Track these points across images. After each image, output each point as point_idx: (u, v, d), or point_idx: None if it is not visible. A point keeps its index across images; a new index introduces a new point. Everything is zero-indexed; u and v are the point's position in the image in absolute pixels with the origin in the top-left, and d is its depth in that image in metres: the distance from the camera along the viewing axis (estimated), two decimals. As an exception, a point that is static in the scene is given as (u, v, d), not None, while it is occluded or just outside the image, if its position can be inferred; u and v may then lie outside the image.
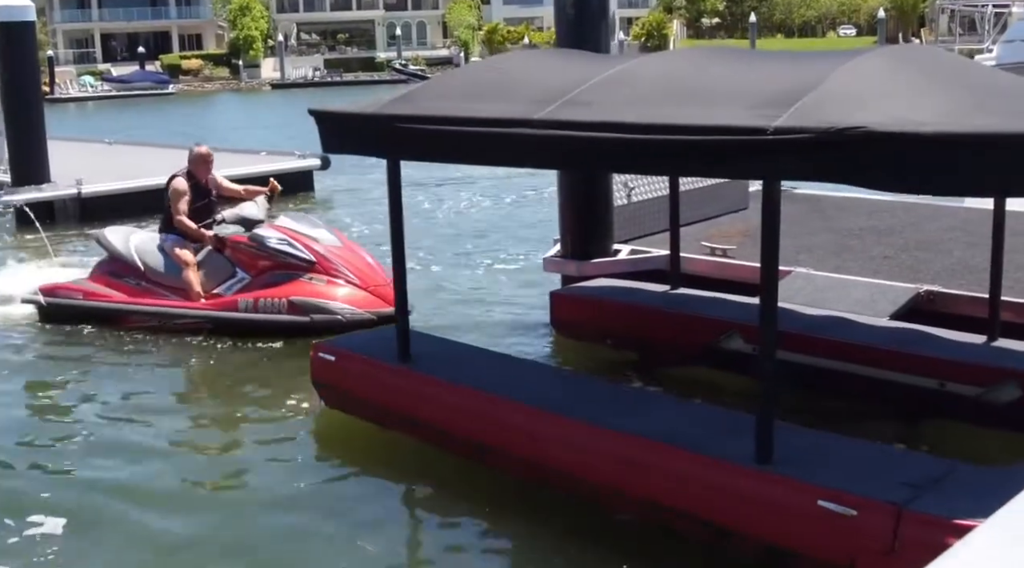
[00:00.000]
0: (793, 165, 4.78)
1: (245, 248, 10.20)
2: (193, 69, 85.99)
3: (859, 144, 4.55)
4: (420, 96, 6.75)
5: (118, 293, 10.54)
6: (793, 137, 4.69)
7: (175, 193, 10.19)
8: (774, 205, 5.01)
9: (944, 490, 4.87)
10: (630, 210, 10.56)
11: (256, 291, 9.97)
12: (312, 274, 9.96)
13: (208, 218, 10.38)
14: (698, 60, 6.31)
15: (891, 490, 4.87)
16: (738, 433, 5.47)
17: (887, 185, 4.85)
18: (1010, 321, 7.66)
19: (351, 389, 7.44)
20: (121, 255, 10.63)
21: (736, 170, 5.40)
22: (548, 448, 6.13)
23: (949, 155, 4.52)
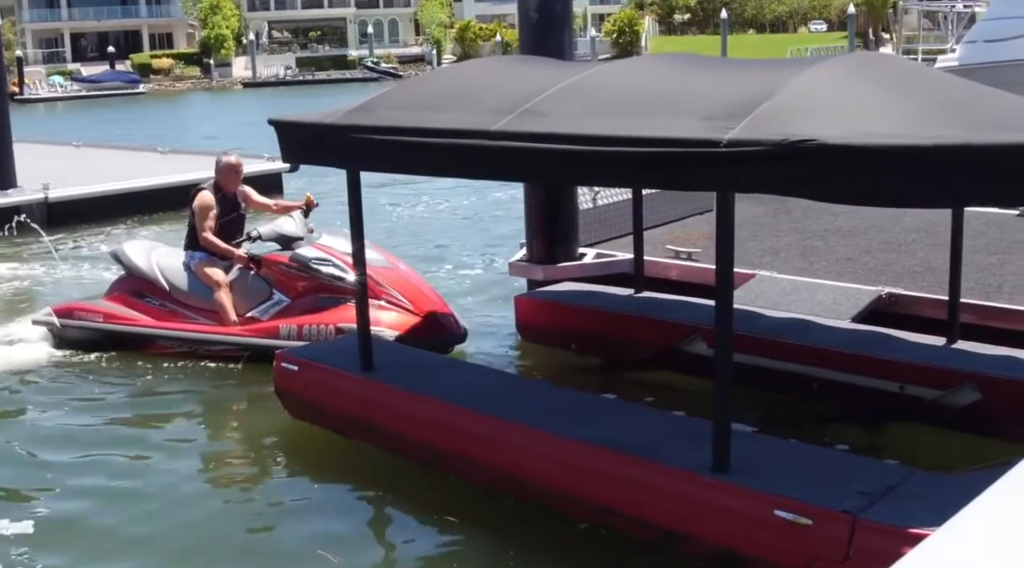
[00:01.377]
0: (747, 177, 4.79)
1: (285, 268, 9.24)
2: (164, 68, 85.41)
3: (812, 156, 4.56)
4: (379, 106, 6.73)
5: (141, 315, 9.62)
6: (746, 149, 4.71)
7: (201, 208, 9.26)
8: (728, 216, 5.03)
9: (898, 498, 4.91)
10: (595, 214, 10.59)
11: (299, 316, 9.00)
12: None
13: (237, 234, 9.50)
14: (656, 69, 6.33)
15: (846, 499, 4.91)
16: (697, 441, 5.49)
17: (841, 197, 4.88)
18: (970, 323, 7.72)
19: (314, 399, 7.43)
20: (143, 273, 9.70)
21: (690, 182, 5.41)
22: (509, 457, 6.16)
23: (903, 167, 4.54)
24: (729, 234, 5.05)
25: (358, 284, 7.10)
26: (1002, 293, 8.52)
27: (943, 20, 37.60)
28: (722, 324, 5.14)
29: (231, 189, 9.50)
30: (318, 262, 9.06)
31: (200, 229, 9.27)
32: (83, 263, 14.54)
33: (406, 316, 8.90)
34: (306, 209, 9.52)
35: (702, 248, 10.07)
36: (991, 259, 9.58)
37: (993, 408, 6.63)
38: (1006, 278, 8.95)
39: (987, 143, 4.50)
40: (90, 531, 6.47)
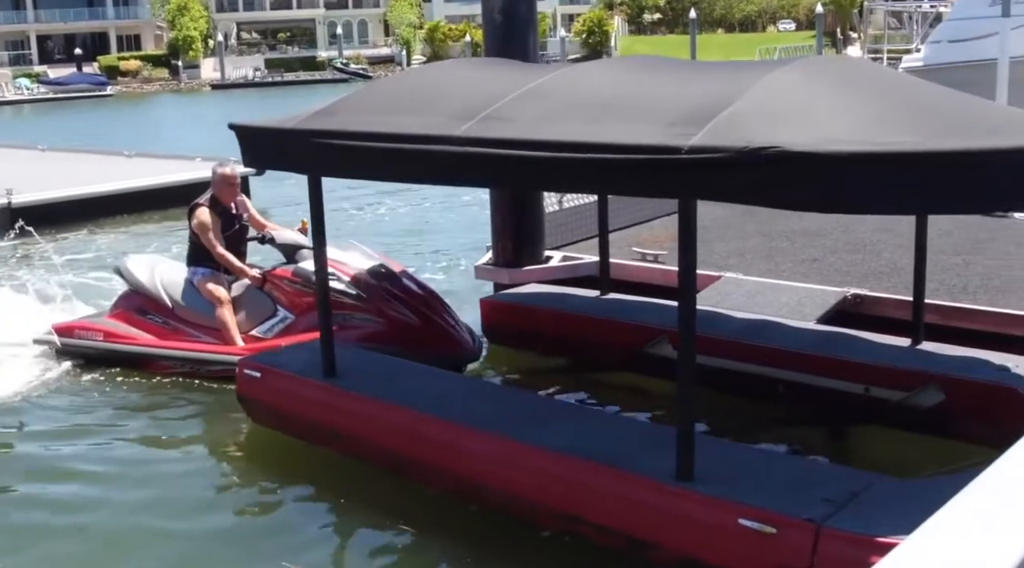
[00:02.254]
0: (709, 185, 4.76)
1: (289, 284, 8.84)
2: (132, 70, 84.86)
3: (775, 164, 4.53)
4: (341, 110, 6.67)
5: (143, 334, 9.25)
6: (708, 157, 4.68)
7: (201, 226, 8.85)
8: (690, 224, 5.00)
9: (862, 505, 4.91)
10: (561, 216, 10.58)
11: (303, 334, 8.43)
12: (367, 314, 8.50)
13: (242, 246, 9.17)
14: (619, 72, 6.29)
15: (810, 507, 4.90)
16: (662, 447, 5.46)
17: (803, 205, 4.86)
18: (935, 323, 7.74)
19: (277, 406, 7.38)
20: (146, 289, 9.35)
21: (652, 189, 5.35)
22: (471, 464, 6.12)
23: (867, 174, 4.52)
24: (692, 241, 5.01)
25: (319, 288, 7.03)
26: (967, 293, 8.55)
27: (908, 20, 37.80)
28: (685, 332, 5.12)
29: (229, 200, 9.08)
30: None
31: (210, 246, 8.84)
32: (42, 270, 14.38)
33: (417, 333, 8.40)
34: (302, 233, 9.12)
35: (668, 250, 10.05)
36: (956, 259, 9.62)
37: (957, 409, 6.64)
38: (970, 279, 8.99)
39: (952, 149, 4.49)
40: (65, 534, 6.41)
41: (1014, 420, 6.09)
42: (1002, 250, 9.96)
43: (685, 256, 5.03)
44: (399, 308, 8.48)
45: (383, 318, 8.44)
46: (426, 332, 8.40)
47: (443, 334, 8.45)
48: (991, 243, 10.24)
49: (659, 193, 5.20)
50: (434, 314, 8.54)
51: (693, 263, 5.05)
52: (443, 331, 8.47)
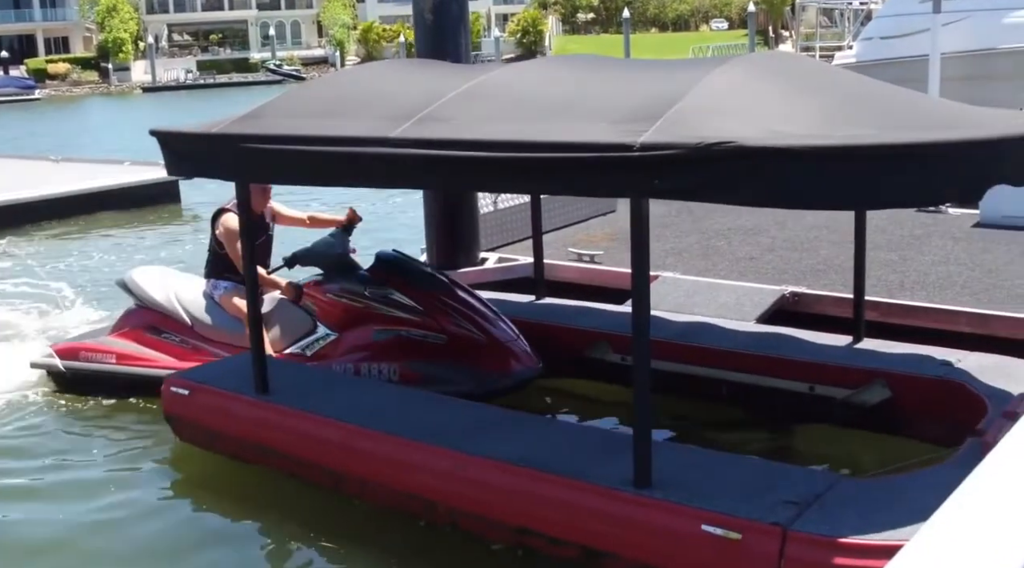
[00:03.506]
0: (661, 182, 4.61)
1: (332, 297, 7.85)
2: (60, 73, 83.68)
3: (730, 159, 4.42)
4: (269, 113, 6.43)
5: (161, 355, 8.30)
6: (661, 153, 4.55)
7: (229, 234, 7.87)
8: (642, 224, 4.84)
9: (826, 507, 4.80)
10: (496, 217, 10.44)
11: (352, 353, 7.61)
12: (425, 330, 7.54)
13: (268, 259, 8.30)
14: (560, 70, 6.14)
15: (775, 510, 4.78)
16: (615, 454, 5.32)
17: (756, 201, 4.73)
18: (874, 320, 7.70)
19: (207, 424, 7.07)
20: (159, 305, 8.42)
21: (601, 189, 5.19)
22: (415, 479, 5.91)
23: (823, 168, 4.41)
24: (644, 242, 4.86)
25: (249, 296, 6.79)
26: (904, 290, 8.53)
27: (840, 17, 38.13)
28: (639, 335, 4.96)
29: (259, 207, 8.04)
30: (372, 288, 7.71)
31: (238, 259, 7.74)
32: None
33: (480, 350, 7.47)
34: (348, 225, 8.21)
35: (604, 250, 9.97)
36: (892, 256, 9.61)
37: (904, 406, 6.58)
38: (908, 275, 8.98)
39: (909, 142, 4.41)
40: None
41: (961, 415, 6.06)
42: (938, 245, 9.97)
43: (639, 257, 4.86)
44: (461, 322, 7.54)
45: (444, 334, 7.48)
46: (491, 349, 7.50)
47: (508, 350, 7.55)
48: (927, 239, 10.26)
49: (610, 193, 5.08)
50: (496, 328, 7.63)
51: (646, 264, 4.89)
52: (507, 347, 7.56)
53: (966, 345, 7.20)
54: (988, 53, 19.87)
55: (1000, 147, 4.60)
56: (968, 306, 7.97)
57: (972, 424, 5.68)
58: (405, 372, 7.37)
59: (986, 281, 8.62)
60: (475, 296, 7.87)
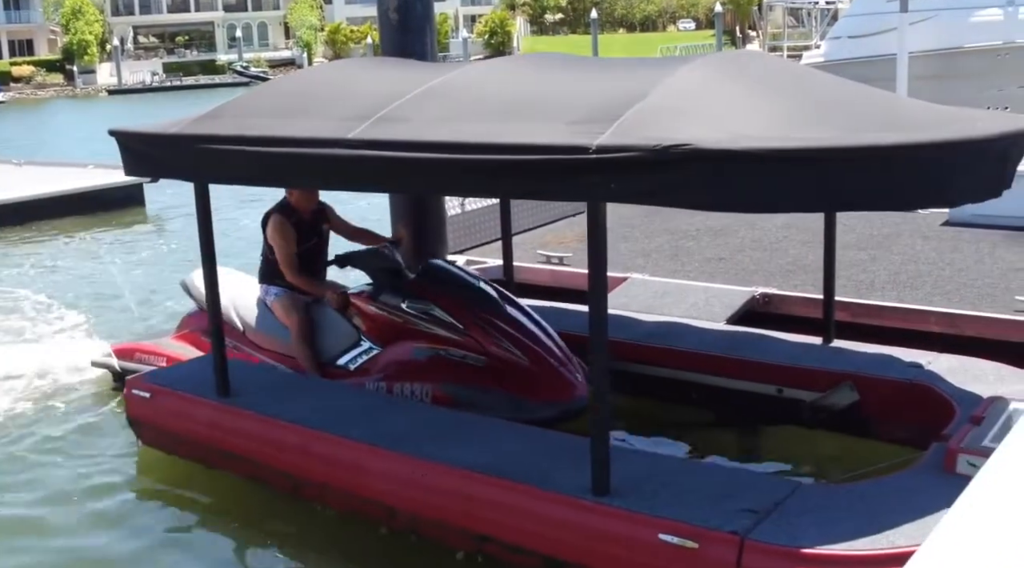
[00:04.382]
0: (618, 186, 4.50)
1: (374, 309, 7.37)
2: (24, 76, 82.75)
3: (687, 162, 4.31)
4: (227, 113, 6.32)
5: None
6: (617, 156, 4.44)
7: (275, 237, 7.50)
8: (599, 228, 4.75)
9: (786, 514, 4.73)
10: (464, 219, 10.33)
11: (388, 370, 7.15)
12: (464, 350, 6.94)
13: (320, 264, 7.86)
14: (522, 70, 6.04)
15: (733, 519, 4.70)
16: (576, 461, 5.22)
17: (716, 205, 4.66)
18: (844, 321, 7.65)
19: (169, 428, 6.97)
20: None
21: (557, 192, 5.10)
22: (376, 484, 5.81)
23: (782, 171, 4.33)
24: (601, 247, 4.77)
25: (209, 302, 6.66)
26: (875, 289, 8.49)
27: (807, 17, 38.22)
28: (596, 341, 4.88)
29: (307, 208, 7.65)
30: (413, 302, 7.19)
31: (283, 265, 7.49)
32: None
33: (524, 374, 6.80)
34: (396, 243, 7.91)
35: (573, 252, 9.89)
36: (862, 255, 9.57)
37: (872, 408, 6.52)
38: (878, 274, 8.94)
39: (870, 144, 4.33)
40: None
41: (930, 418, 6.00)
42: (908, 245, 9.94)
43: (595, 262, 4.78)
44: (503, 343, 6.89)
45: (485, 355, 6.84)
46: (536, 375, 6.81)
47: (554, 377, 6.83)
48: (896, 238, 10.22)
49: (565, 196, 4.96)
50: (545, 351, 6.94)
51: (603, 269, 4.81)
52: (556, 373, 6.85)
53: (936, 345, 7.16)
54: (955, 52, 19.95)
55: (972, 149, 4.53)
56: (939, 306, 7.93)
57: (940, 427, 5.62)
58: (438, 394, 6.82)
59: (956, 280, 8.59)
60: (527, 314, 7.26)
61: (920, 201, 4.77)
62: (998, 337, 7.50)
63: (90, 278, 14.15)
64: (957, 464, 4.97)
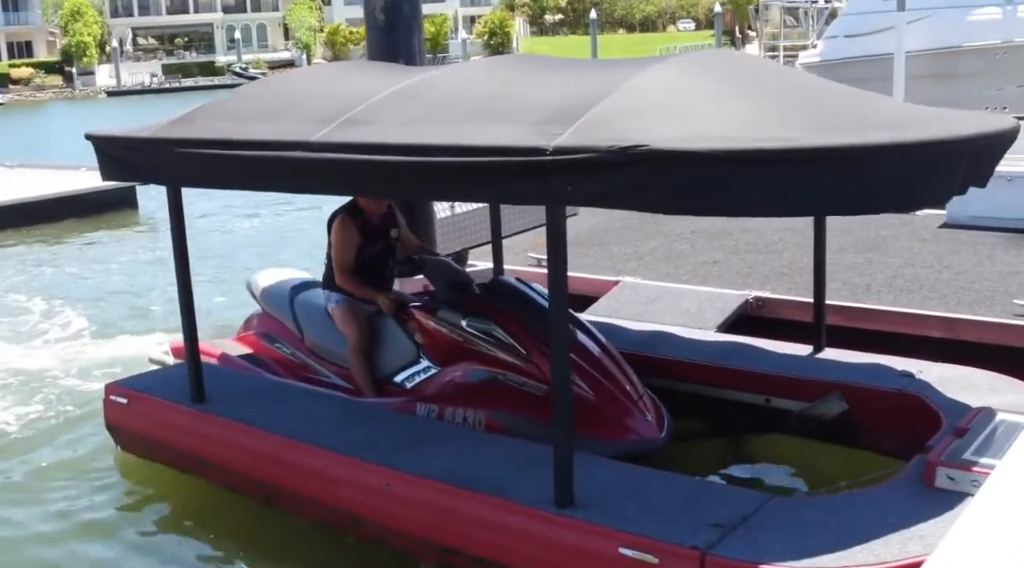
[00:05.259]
0: (575, 189, 4.34)
1: (435, 325, 6.74)
2: (23, 78, 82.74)
3: (643, 163, 4.15)
4: (201, 117, 6.21)
5: (266, 364, 7.60)
6: (573, 157, 4.28)
7: (339, 239, 7.02)
8: (559, 234, 4.59)
9: (752, 529, 4.58)
10: (454, 222, 10.15)
11: (443, 392, 6.59)
12: (524, 376, 6.31)
13: (385, 268, 7.30)
14: (494, 72, 5.87)
15: (695, 533, 4.56)
16: (541, 471, 5.08)
17: (675, 208, 4.52)
18: (838, 325, 7.49)
19: (145, 434, 6.91)
20: (275, 311, 7.72)
21: (517, 195, 4.88)
22: (344, 494, 5.72)
23: (740, 173, 4.15)
24: (561, 254, 4.63)
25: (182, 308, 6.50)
26: (871, 293, 8.33)
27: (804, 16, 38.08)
28: (558, 351, 4.76)
29: (376, 212, 7.15)
30: (473, 321, 6.57)
31: (336, 266, 7.04)
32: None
33: (592, 407, 6.12)
34: (458, 259, 7.48)
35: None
36: (858, 258, 9.41)
37: (861, 419, 6.36)
38: (874, 277, 8.78)
39: (834, 145, 4.15)
40: None
41: (918, 429, 5.84)
42: (905, 247, 9.78)
43: (555, 271, 4.65)
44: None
45: (547, 383, 6.01)
46: (601, 410, 6.15)
47: (623, 413, 6.20)
48: (894, 240, 10.06)
49: (522, 199, 4.77)
50: (613, 385, 6.31)
51: (563, 275, 4.68)
52: (624, 410, 6.21)
53: (934, 350, 7.01)
54: (953, 51, 19.79)
55: (944, 150, 4.37)
56: (936, 310, 7.77)
57: (927, 438, 5.46)
58: (491, 422, 6.27)
59: (954, 284, 8.42)
60: (598, 342, 6.63)
61: (882, 204, 4.58)
62: (997, 342, 7.34)
63: (85, 279, 14.14)
64: (936, 477, 4.83)
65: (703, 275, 9.22)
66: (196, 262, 7.19)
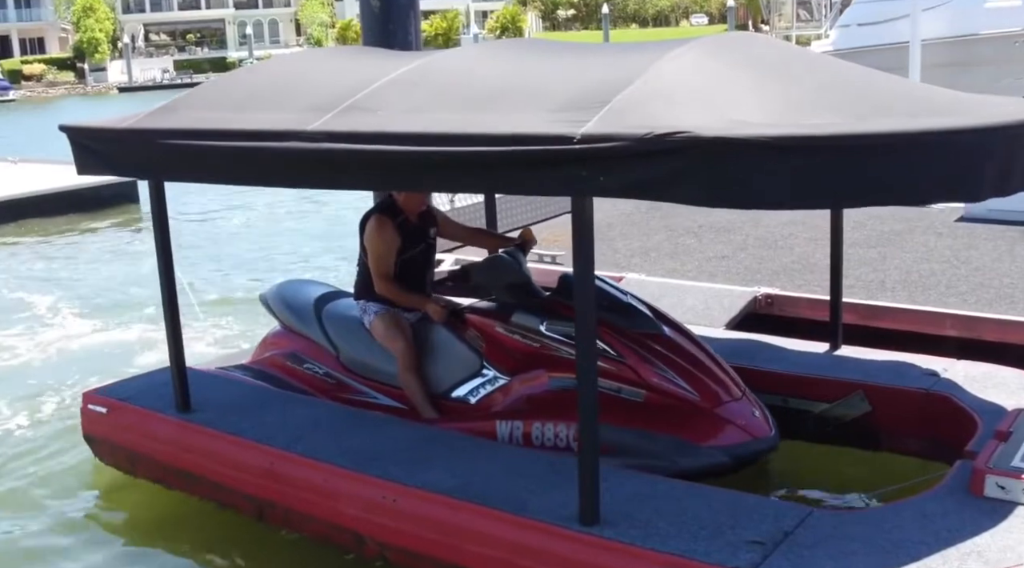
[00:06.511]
0: (605, 179, 4.00)
1: (502, 330, 6.09)
2: (36, 74, 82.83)
3: (682, 152, 3.81)
4: (184, 106, 5.81)
5: (297, 389, 6.75)
6: (604, 146, 3.93)
7: (373, 241, 6.29)
8: (586, 227, 4.24)
9: (797, 547, 4.23)
10: (453, 216, 9.81)
11: (520, 405, 5.88)
12: (619, 381, 5.66)
13: (426, 273, 6.60)
14: (502, 55, 5.52)
15: (736, 552, 4.21)
16: (561, 484, 4.76)
17: (714, 200, 3.99)
18: (853, 324, 7.15)
19: (127, 445, 6.51)
20: (301, 328, 6.98)
21: (540, 186, 4.48)
22: (345, 510, 5.33)
23: (789, 162, 3.78)
24: (588, 247, 4.28)
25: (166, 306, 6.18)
26: (885, 290, 7.99)
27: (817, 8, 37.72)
28: (584, 355, 4.40)
29: (415, 210, 6.45)
30: (552, 324, 5.93)
31: (375, 272, 6.30)
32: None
33: (694, 413, 5.60)
34: (522, 246, 6.50)
35: (567, 250, 9.38)
36: (872, 253, 9.08)
37: (884, 420, 6.01)
38: (889, 273, 8.44)
39: (890, 131, 3.82)
40: None
41: (948, 432, 5.52)
42: (920, 242, 9.43)
43: (582, 264, 4.29)
44: (667, 374, 5.69)
45: (644, 388, 5.62)
46: (707, 412, 5.62)
47: (732, 415, 5.64)
48: (909, 235, 9.71)
49: (548, 190, 4.40)
50: (717, 384, 5.74)
51: (591, 271, 4.33)
52: (731, 410, 5.66)
53: (952, 350, 6.66)
54: (970, 39, 19.38)
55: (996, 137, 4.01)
56: (954, 307, 7.43)
57: (960, 442, 5.11)
58: None
59: (972, 280, 8.07)
60: (691, 338, 6.06)
61: (942, 194, 4.25)
62: (1019, 342, 6.99)
63: (82, 275, 13.96)
64: (985, 486, 4.47)
65: (710, 271, 8.89)
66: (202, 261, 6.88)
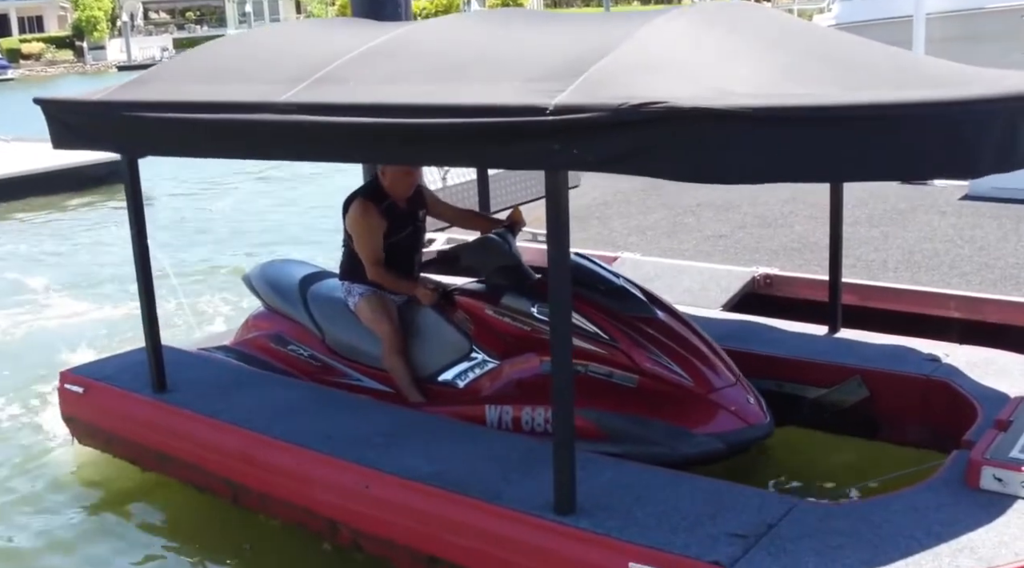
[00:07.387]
0: (580, 152, 3.79)
1: (492, 313, 5.93)
2: (34, 53, 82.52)
3: (659, 123, 3.60)
4: (156, 78, 5.65)
5: (281, 371, 6.64)
6: (579, 117, 3.73)
7: (357, 226, 6.13)
8: (559, 202, 4.04)
9: (779, 540, 4.03)
10: (445, 194, 9.60)
11: (510, 389, 5.74)
12: (610, 366, 5.54)
13: (414, 256, 6.41)
14: (481, 25, 5.33)
15: (716, 545, 4.02)
16: (538, 471, 4.58)
17: (695, 175, 3.77)
18: (853, 305, 6.95)
19: (103, 426, 6.38)
20: (287, 310, 6.83)
21: (512, 160, 4.29)
22: (319, 495, 5.17)
23: (778, 134, 3.57)
24: (563, 228, 4.07)
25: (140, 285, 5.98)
26: (887, 270, 7.79)
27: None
28: (559, 336, 4.20)
29: (402, 194, 6.24)
30: (544, 306, 5.59)
31: (365, 259, 6.14)
32: None
33: (688, 398, 5.46)
34: (511, 228, 6.36)
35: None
36: (873, 232, 8.87)
37: (882, 407, 5.81)
38: (891, 253, 8.24)
39: (889, 102, 3.60)
40: None
41: (948, 419, 5.32)
42: (923, 221, 9.21)
43: (556, 242, 4.08)
44: (661, 358, 5.55)
45: (637, 373, 5.50)
46: (701, 397, 5.47)
47: (726, 400, 5.49)
48: (911, 213, 9.50)
49: (520, 164, 4.19)
50: (710, 369, 5.60)
51: (566, 250, 4.11)
52: (726, 395, 5.52)
53: (955, 333, 6.47)
54: (976, 12, 19.09)
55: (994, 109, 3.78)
56: (958, 288, 7.22)
57: (959, 431, 4.90)
58: (579, 423, 4.83)
59: (977, 260, 7.87)
60: (685, 322, 5.91)
61: (935, 170, 4.03)
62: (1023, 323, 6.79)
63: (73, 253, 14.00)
64: (981, 478, 4.26)
65: (708, 250, 8.69)
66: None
